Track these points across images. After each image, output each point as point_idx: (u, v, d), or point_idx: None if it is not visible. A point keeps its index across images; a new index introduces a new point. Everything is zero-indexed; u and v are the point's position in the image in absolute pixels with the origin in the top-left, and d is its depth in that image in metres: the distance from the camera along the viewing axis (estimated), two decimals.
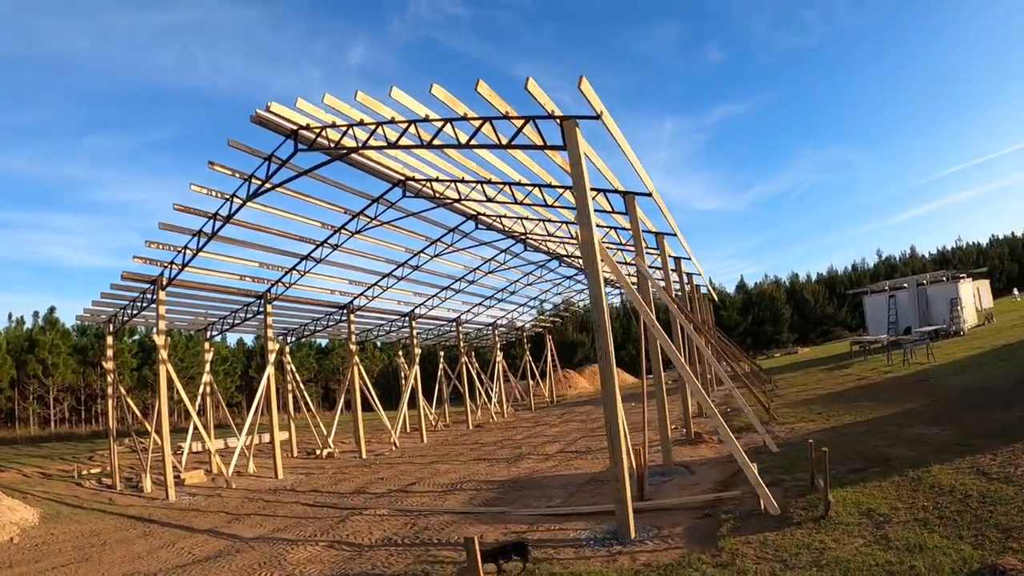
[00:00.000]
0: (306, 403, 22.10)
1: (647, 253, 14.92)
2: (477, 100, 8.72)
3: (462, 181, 14.27)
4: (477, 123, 9.26)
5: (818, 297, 59.42)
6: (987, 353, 17.64)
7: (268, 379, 16.17)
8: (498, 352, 33.03)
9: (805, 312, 58.72)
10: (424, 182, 14.74)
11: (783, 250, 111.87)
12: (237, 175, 11.82)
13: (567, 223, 17.23)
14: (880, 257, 65.42)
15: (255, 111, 10.53)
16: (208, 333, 18.88)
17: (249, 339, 53.74)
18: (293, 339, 23.35)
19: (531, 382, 36.71)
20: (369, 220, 15.21)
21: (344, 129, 10.89)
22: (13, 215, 78.84)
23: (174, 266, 13.62)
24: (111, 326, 15.87)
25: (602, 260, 8.07)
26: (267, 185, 11.86)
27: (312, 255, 16.29)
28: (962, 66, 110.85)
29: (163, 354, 13.60)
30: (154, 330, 13.62)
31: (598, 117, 8.19)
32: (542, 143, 9.31)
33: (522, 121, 8.90)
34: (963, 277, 28.99)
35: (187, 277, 14.49)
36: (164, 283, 13.72)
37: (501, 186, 14.04)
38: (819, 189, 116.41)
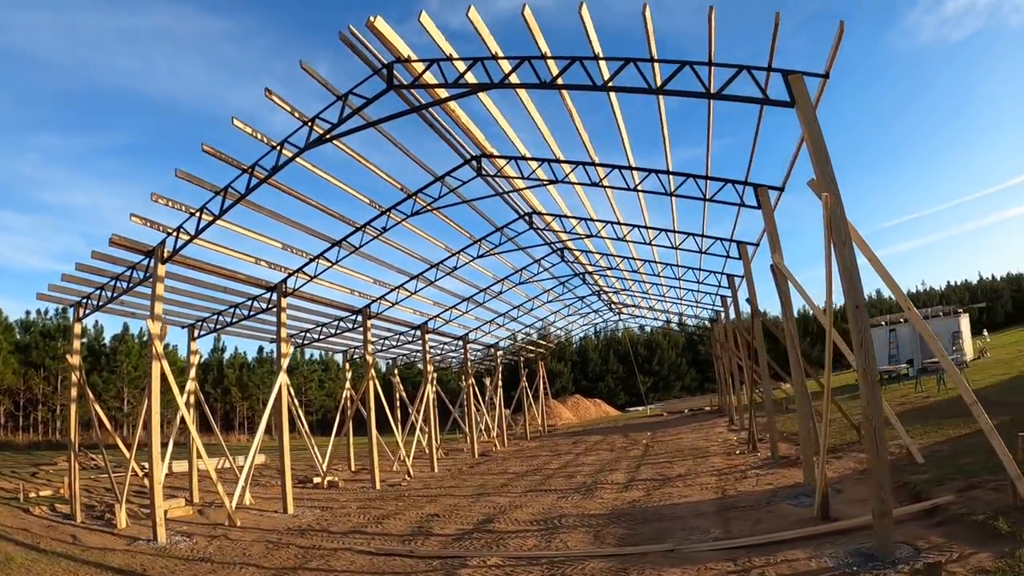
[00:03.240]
0: (302, 422, 18.70)
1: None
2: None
3: (555, 161, 12.00)
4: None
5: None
6: (1014, 380, 16.88)
7: (280, 388, 13.01)
8: (499, 376, 30.25)
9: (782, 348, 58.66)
10: (504, 160, 12.39)
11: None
12: (262, 138, 9.27)
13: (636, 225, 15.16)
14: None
15: (347, 27, 8.08)
16: (196, 332, 15.43)
17: (207, 347, 48.69)
18: (297, 344, 19.97)
19: (526, 411, 33.95)
20: (434, 200, 12.62)
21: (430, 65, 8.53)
22: None
23: (182, 235, 10.53)
24: (81, 310, 12.37)
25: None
26: (331, 133, 9.17)
27: (348, 240, 13.45)
28: (878, 132, 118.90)
29: (158, 347, 10.36)
30: (147, 319, 10.37)
31: (826, 76, 7.26)
32: (762, 96, 7.36)
33: (735, 69, 7.39)
34: (961, 312, 29.73)
35: (191, 253, 11.42)
36: (165, 255, 10.59)
37: (608, 169, 11.84)
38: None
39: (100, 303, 11.93)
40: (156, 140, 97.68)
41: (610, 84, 8.11)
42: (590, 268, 22.63)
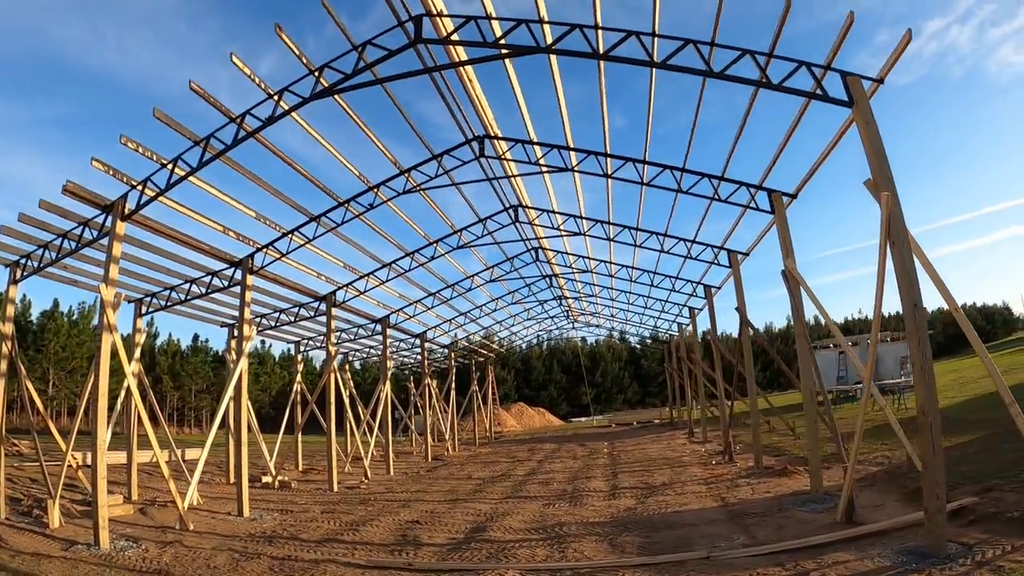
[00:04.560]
0: (252, 417, 16.97)
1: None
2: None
3: (565, 148, 11.37)
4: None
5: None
6: (969, 402, 17.48)
7: (241, 375, 11.57)
8: (452, 378, 29.17)
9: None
10: (508, 143, 11.64)
11: None
12: (261, 86, 8.19)
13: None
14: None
15: None
16: (144, 308, 13.58)
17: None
18: (259, 329, 18.17)
19: (475, 416, 32.99)
20: (429, 179, 11.65)
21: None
22: None
23: (148, 190, 9.08)
24: (18, 271, 10.46)
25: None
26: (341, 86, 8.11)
27: (328, 216, 12.23)
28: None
29: (111, 316, 8.81)
30: (101, 283, 8.82)
31: (880, 81, 7.34)
32: (822, 93, 7.33)
33: (795, 64, 7.34)
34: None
35: (155, 210, 9.91)
36: (125, 211, 9.08)
37: (620, 162, 11.31)
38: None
39: (41, 264, 10.11)
40: (97, 112, 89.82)
41: (667, 62, 7.56)
42: (557, 271, 22.19)
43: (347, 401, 18.90)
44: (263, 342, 47.20)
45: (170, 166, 8.74)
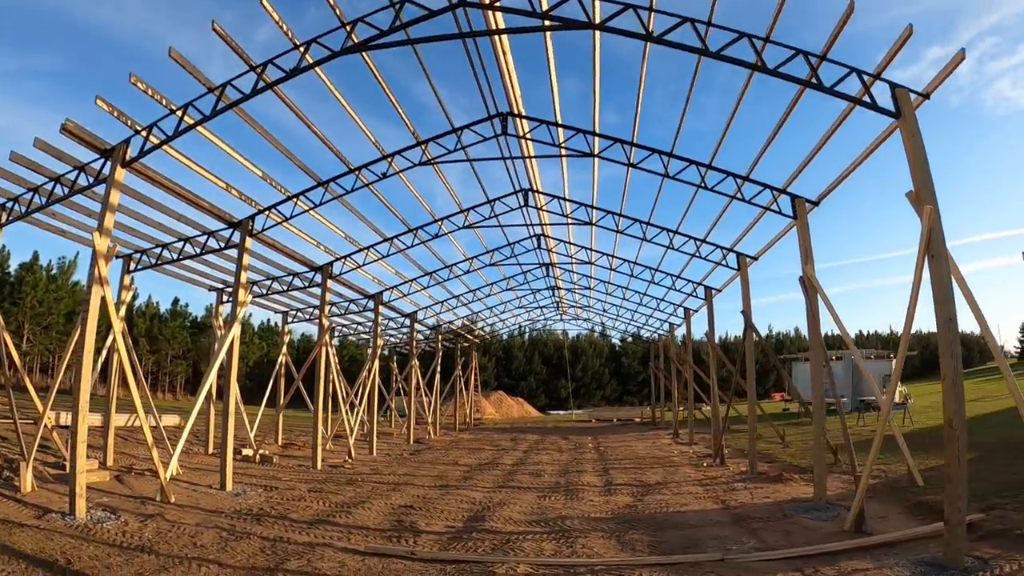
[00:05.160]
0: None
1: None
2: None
3: (591, 133, 10.97)
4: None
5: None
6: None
7: (234, 341, 11.01)
8: (438, 361, 28.74)
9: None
10: (532, 123, 11.20)
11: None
12: (288, 35, 7.55)
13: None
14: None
15: None
16: (132, 265, 12.85)
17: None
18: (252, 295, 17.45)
19: (456, 401, 32.65)
20: (447, 152, 11.15)
21: None
22: None
23: (152, 137, 8.44)
24: (4, 215, 9.71)
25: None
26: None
27: (338, 182, 11.66)
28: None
29: (102, 268, 8.16)
30: (94, 233, 8.18)
31: (926, 96, 7.22)
32: (870, 101, 7.28)
33: (845, 70, 7.36)
34: (890, 356, 31.19)
35: (152, 162, 9.26)
36: (126, 157, 8.44)
37: (645, 152, 10.94)
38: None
39: (29, 209, 9.39)
40: (87, 67, 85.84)
41: (719, 52, 7.21)
42: (556, 259, 21.86)
43: (340, 379, 18.37)
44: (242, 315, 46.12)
45: (179, 112, 8.12)
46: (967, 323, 71.30)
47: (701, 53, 7.45)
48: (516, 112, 11.00)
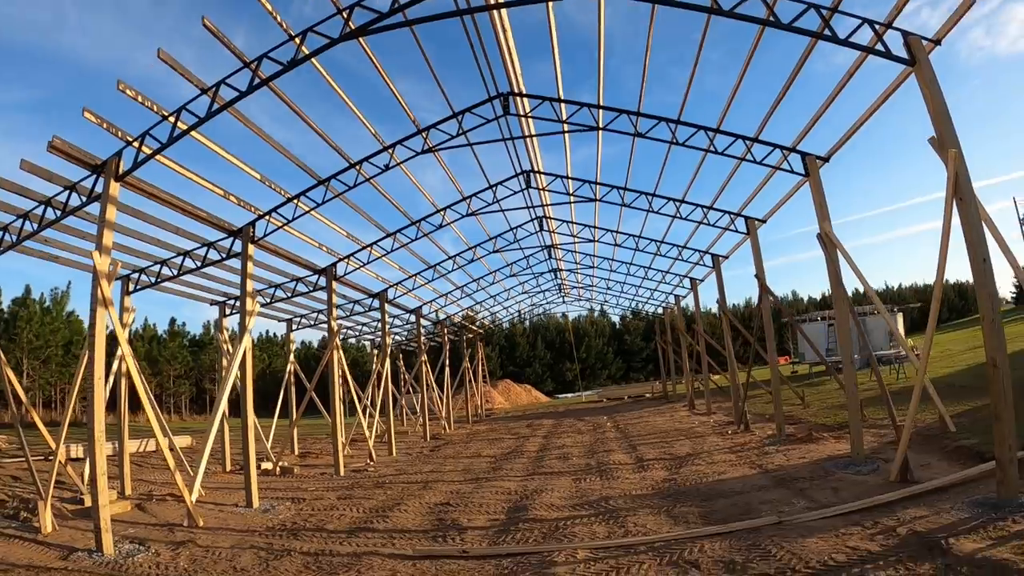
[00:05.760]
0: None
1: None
2: None
3: (596, 106, 10.63)
4: None
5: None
6: (965, 371, 17.08)
7: (245, 354, 10.67)
8: (446, 354, 28.48)
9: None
10: (534, 101, 10.84)
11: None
12: (283, 27, 7.17)
13: None
14: None
15: None
16: (131, 285, 12.42)
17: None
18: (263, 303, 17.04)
19: (467, 393, 32.46)
20: (450, 137, 10.78)
21: None
22: None
23: (144, 148, 8.03)
24: None
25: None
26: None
27: (338, 178, 11.27)
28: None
29: (105, 289, 7.78)
30: (94, 250, 7.78)
31: (938, 42, 7.11)
32: (883, 50, 7.17)
33: (858, 21, 7.17)
34: (896, 311, 31.38)
35: (145, 175, 8.84)
36: (119, 171, 8.02)
37: (653, 121, 10.62)
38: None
39: (20, 237, 8.94)
40: (56, 96, 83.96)
41: (732, 11, 6.91)
42: (557, 240, 21.60)
43: (351, 381, 18.08)
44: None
45: (172, 118, 7.70)
46: (961, 274, 71.84)
47: (712, 12, 7.14)
48: (517, 91, 10.64)
